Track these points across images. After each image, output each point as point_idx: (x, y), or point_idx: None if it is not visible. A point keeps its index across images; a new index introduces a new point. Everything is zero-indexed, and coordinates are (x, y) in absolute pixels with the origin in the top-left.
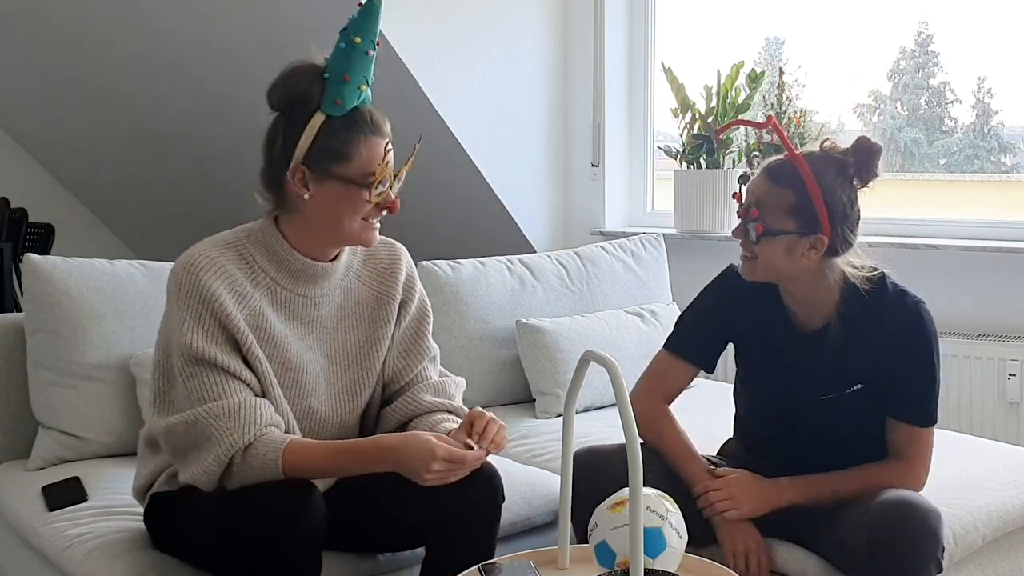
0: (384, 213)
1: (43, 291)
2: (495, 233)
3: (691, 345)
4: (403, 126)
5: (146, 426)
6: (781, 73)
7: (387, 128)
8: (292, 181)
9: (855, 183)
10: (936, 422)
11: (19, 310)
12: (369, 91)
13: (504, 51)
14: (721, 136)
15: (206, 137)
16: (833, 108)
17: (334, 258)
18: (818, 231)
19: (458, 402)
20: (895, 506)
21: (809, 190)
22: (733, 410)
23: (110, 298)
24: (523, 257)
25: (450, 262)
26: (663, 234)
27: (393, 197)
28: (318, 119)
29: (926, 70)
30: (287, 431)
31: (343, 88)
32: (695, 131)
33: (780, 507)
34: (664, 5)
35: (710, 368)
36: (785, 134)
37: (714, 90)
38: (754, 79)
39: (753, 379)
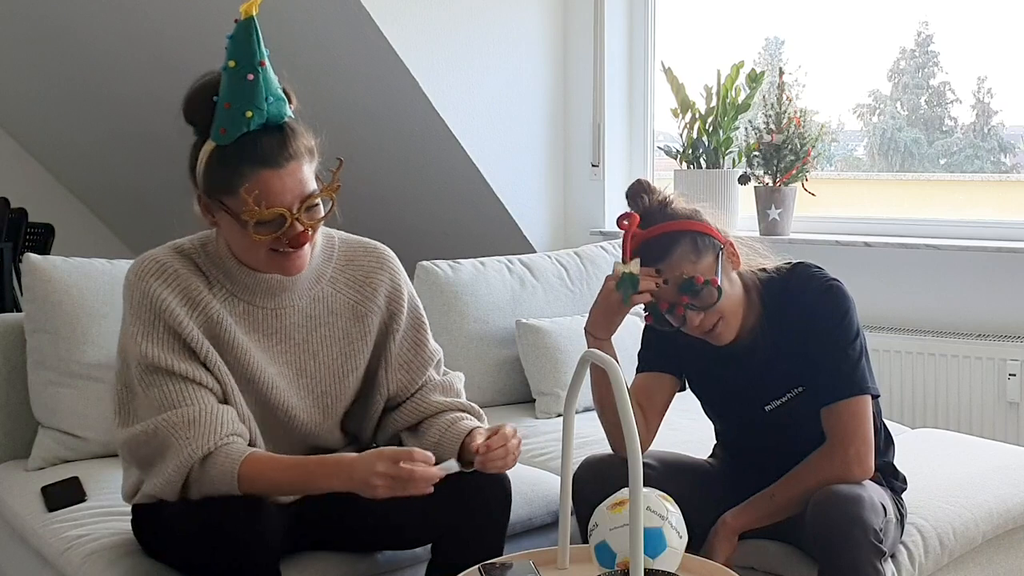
0: (300, 242)
1: (43, 291)
2: (495, 233)
3: (660, 361)
4: (403, 127)
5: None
6: (781, 73)
7: (292, 153)
8: (200, 207)
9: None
10: (862, 393)
11: (19, 310)
12: (269, 111)
13: (504, 51)
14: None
15: None
16: (833, 108)
17: None
18: (719, 244)
19: (464, 398)
20: (819, 502)
21: (685, 228)
22: None
23: (110, 298)
24: (523, 257)
25: (450, 262)
26: None
27: (298, 229)
28: (209, 146)
29: (926, 70)
30: (251, 441)
31: (225, 116)
32: (695, 132)
33: (748, 530)
34: (664, 5)
35: (681, 381)
36: (637, 233)
37: (714, 90)
38: (754, 79)
39: (703, 403)
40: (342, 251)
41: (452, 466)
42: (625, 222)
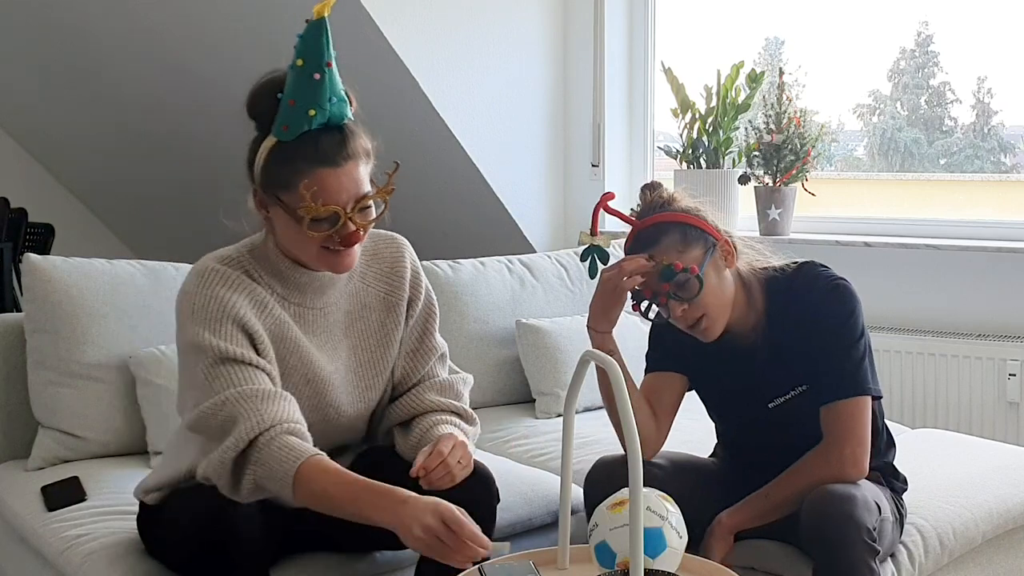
0: (352, 242)
1: (43, 291)
2: (495, 233)
3: (668, 360)
4: (404, 128)
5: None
6: (781, 73)
7: (350, 153)
8: (255, 201)
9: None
10: (863, 393)
11: (19, 310)
12: (331, 111)
13: (504, 51)
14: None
15: (206, 138)
16: (833, 108)
17: None
18: (713, 240)
19: (465, 401)
20: (813, 501)
21: (677, 219)
22: None
23: (110, 298)
24: (523, 257)
25: (450, 262)
26: None
27: (351, 228)
28: (269, 142)
29: (926, 70)
30: None
31: (289, 113)
32: (695, 132)
33: (743, 529)
34: (664, 5)
35: (690, 380)
36: (621, 214)
37: (714, 90)
38: (754, 79)
39: (705, 401)
40: (366, 246)
41: (504, 549)
42: (602, 198)
